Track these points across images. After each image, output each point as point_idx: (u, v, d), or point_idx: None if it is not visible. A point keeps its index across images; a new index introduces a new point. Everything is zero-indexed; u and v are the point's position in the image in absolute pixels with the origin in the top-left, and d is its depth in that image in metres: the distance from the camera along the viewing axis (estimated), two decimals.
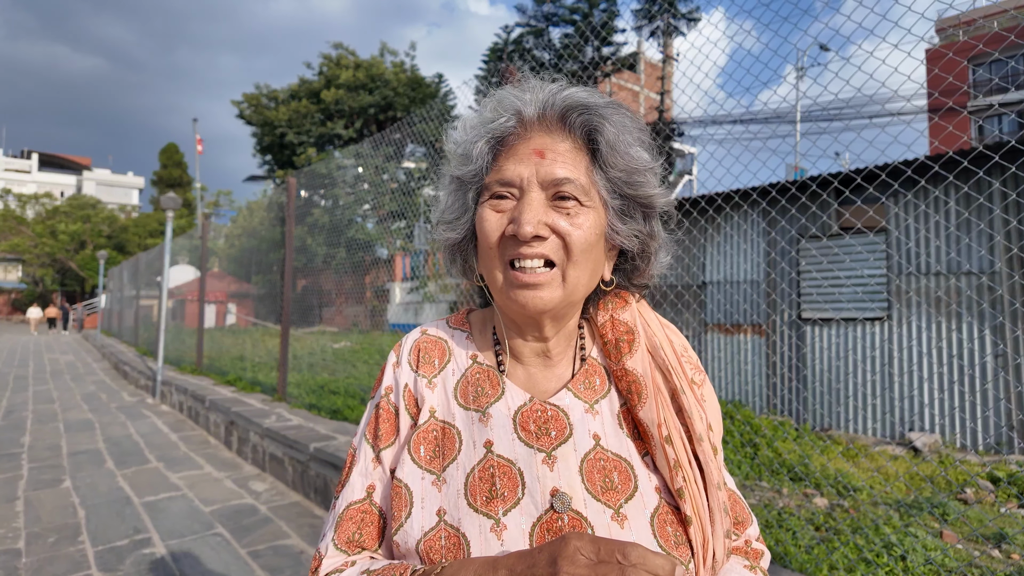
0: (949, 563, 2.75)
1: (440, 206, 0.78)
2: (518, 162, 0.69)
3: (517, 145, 0.70)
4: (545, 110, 0.71)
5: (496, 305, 0.76)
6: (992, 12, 3.28)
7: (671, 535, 0.67)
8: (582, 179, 0.69)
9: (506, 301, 0.70)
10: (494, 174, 0.70)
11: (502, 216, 0.69)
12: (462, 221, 0.75)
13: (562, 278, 0.68)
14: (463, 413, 0.74)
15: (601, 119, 0.70)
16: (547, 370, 0.77)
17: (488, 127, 0.71)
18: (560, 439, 0.71)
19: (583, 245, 0.68)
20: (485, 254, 0.71)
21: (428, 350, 0.80)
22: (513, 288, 0.68)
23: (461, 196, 0.75)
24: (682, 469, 0.69)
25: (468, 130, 0.74)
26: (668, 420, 0.71)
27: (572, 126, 0.70)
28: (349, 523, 0.72)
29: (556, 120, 0.71)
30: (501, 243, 0.69)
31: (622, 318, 0.77)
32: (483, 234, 0.70)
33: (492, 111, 0.72)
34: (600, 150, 0.70)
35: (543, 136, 0.70)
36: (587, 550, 0.52)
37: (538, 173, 0.68)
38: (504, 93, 0.74)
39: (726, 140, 13.24)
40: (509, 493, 0.67)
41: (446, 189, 0.77)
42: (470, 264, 0.78)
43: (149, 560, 3.13)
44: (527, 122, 0.71)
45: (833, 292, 6.36)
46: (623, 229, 0.73)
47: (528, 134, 0.70)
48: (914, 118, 2.83)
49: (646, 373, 0.73)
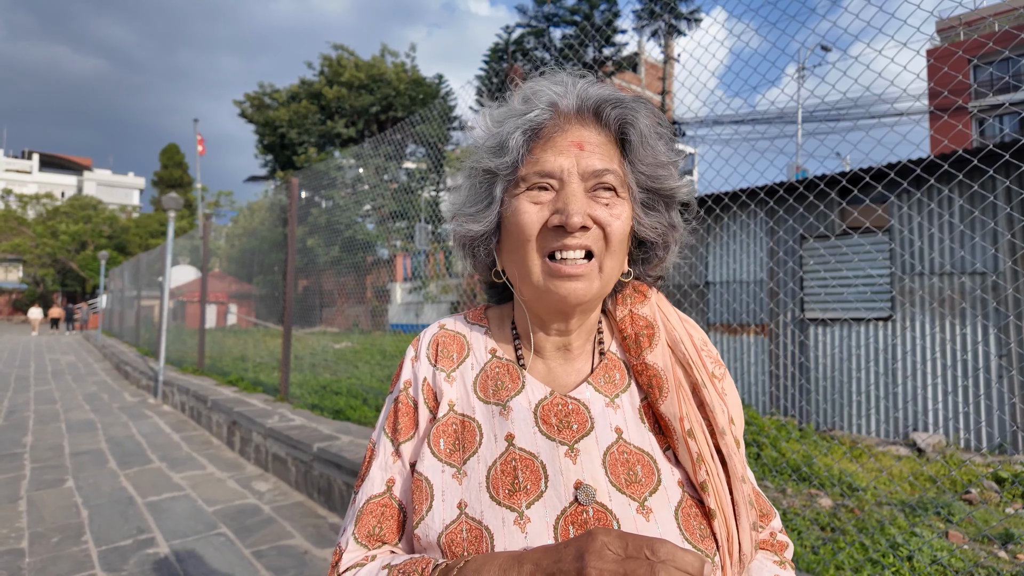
0: (956, 563, 2.74)
1: (460, 198, 0.77)
2: (558, 153, 0.69)
3: (555, 137, 0.70)
4: (582, 103, 0.71)
5: (522, 299, 0.76)
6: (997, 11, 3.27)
7: (696, 528, 0.66)
8: (618, 170, 0.70)
9: (541, 294, 0.70)
10: (531, 166, 0.70)
11: (541, 208, 0.69)
12: (487, 213, 0.74)
13: (599, 269, 0.69)
14: (483, 407, 0.74)
15: (634, 113, 0.71)
16: (567, 364, 0.77)
17: (524, 118, 0.70)
18: (582, 432, 0.71)
19: (621, 236, 0.70)
20: (519, 247, 0.70)
21: (447, 344, 0.80)
22: (553, 279, 0.68)
23: (487, 188, 0.74)
24: (705, 463, 0.68)
25: (498, 121, 0.73)
26: (690, 414, 0.71)
27: (607, 120, 0.71)
28: (369, 517, 0.71)
29: (591, 113, 0.71)
30: (540, 235, 0.68)
31: (641, 312, 0.77)
32: (520, 226, 0.69)
33: (525, 103, 0.72)
34: (631, 143, 0.72)
35: (580, 128, 0.70)
36: (614, 545, 0.51)
37: (579, 164, 0.68)
38: (538, 85, 0.73)
39: (732, 140, 13.24)
40: (532, 486, 0.67)
41: (469, 180, 0.76)
42: (488, 259, 0.77)
43: (153, 560, 3.12)
44: (563, 114, 0.71)
45: (838, 291, 6.35)
46: (647, 221, 0.74)
47: (565, 126, 0.70)
48: (921, 117, 2.82)
49: (667, 367, 0.73)
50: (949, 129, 2.76)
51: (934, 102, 2.76)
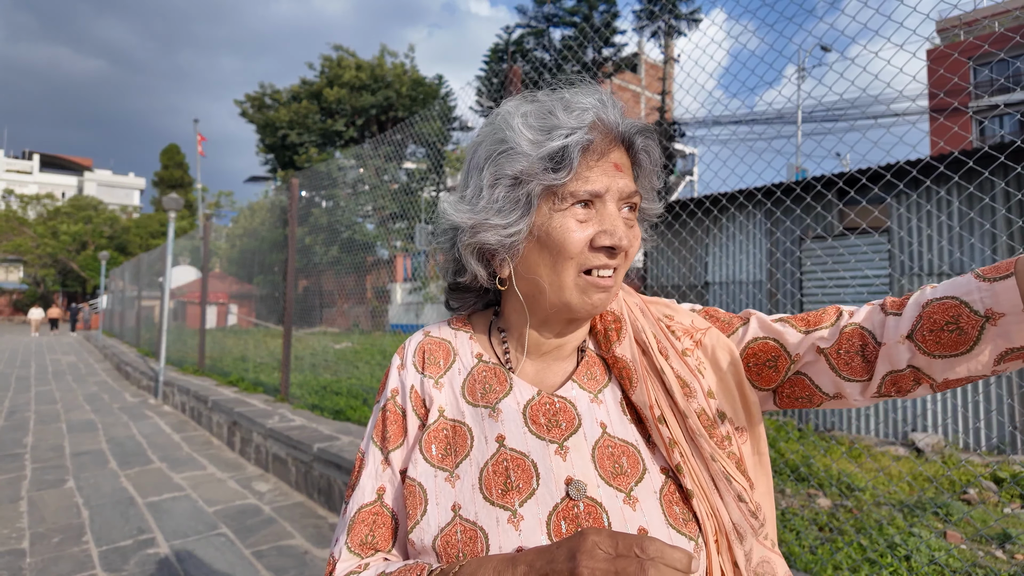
0: (953, 563, 2.75)
1: (482, 203, 0.72)
2: (603, 173, 0.70)
3: (600, 155, 0.71)
4: (619, 126, 0.73)
5: (534, 306, 0.75)
6: (995, 12, 3.28)
7: (679, 514, 0.68)
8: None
9: (571, 305, 0.71)
10: (578, 182, 0.69)
11: (585, 225, 0.69)
12: (519, 223, 0.71)
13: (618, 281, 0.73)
14: (472, 410, 0.75)
15: (651, 144, 0.76)
16: (552, 364, 0.79)
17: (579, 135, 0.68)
18: (570, 430, 0.72)
19: (633, 255, 0.74)
20: (558, 262, 0.69)
21: (432, 351, 0.81)
22: (588, 292, 0.71)
23: (524, 197, 0.70)
24: (678, 445, 0.70)
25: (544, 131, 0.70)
26: (659, 399, 0.72)
27: (636, 148, 0.75)
28: (361, 526, 0.72)
29: (626, 137, 0.74)
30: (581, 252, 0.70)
31: (610, 307, 0.80)
32: (565, 243, 0.68)
33: (575, 117, 0.69)
34: (644, 168, 0.76)
35: (618, 150, 0.73)
36: (605, 544, 0.53)
37: (616, 185, 0.71)
38: (580, 98, 0.72)
39: (730, 140, 13.25)
40: (524, 485, 0.68)
41: (494, 188, 0.71)
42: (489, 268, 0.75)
43: (153, 560, 3.13)
44: (606, 133, 0.71)
45: (837, 292, 6.35)
46: None
47: (605, 146, 0.71)
48: (918, 118, 2.83)
49: (634, 359, 0.75)
50: (948, 130, 2.77)
51: (933, 103, 2.77)
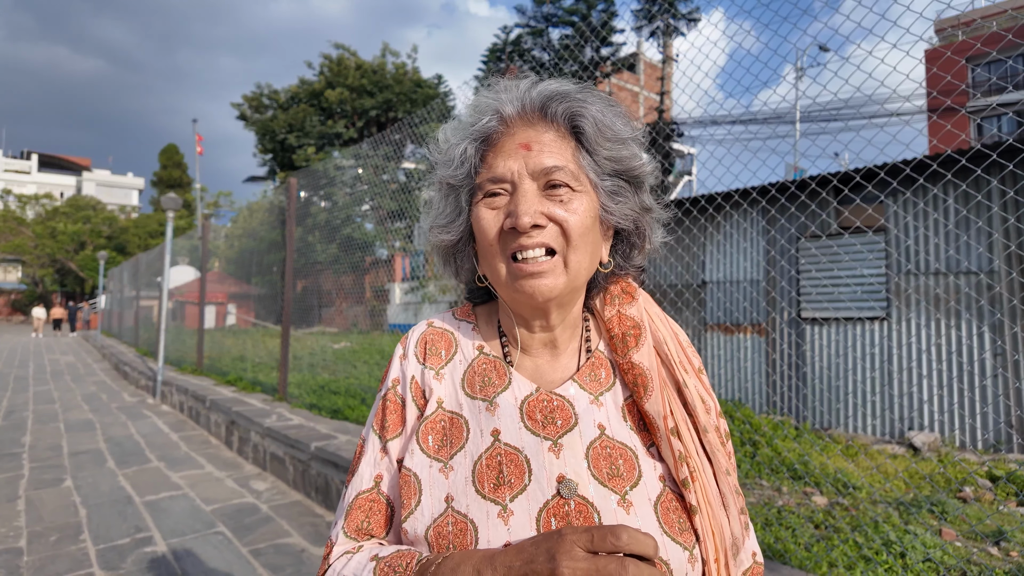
0: (948, 560, 2.76)
1: (433, 211, 0.80)
2: (506, 157, 0.71)
3: (503, 142, 0.72)
4: (524, 104, 0.73)
5: (502, 300, 0.78)
6: (991, 12, 3.29)
7: (675, 521, 0.68)
8: (570, 165, 0.71)
9: (512, 294, 0.72)
10: (484, 173, 0.72)
11: (498, 212, 0.71)
12: (457, 223, 0.77)
13: (564, 264, 0.70)
14: (470, 402, 0.75)
15: (581, 104, 0.72)
16: (554, 361, 0.79)
17: (471, 129, 0.74)
18: (566, 428, 0.72)
19: (580, 229, 0.70)
20: (486, 251, 0.73)
21: (435, 342, 0.81)
22: (518, 279, 0.70)
23: (454, 199, 0.77)
24: (689, 459, 0.70)
25: (452, 136, 0.76)
26: (675, 412, 0.72)
27: (554, 115, 0.72)
28: (358, 512, 0.74)
29: (536, 112, 0.73)
30: (501, 238, 0.71)
31: (629, 313, 0.79)
32: (481, 232, 0.72)
33: (472, 115, 0.75)
34: (585, 133, 0.72)
35: (527, 130, 0.72)
36: (581, 541, 0.53)
37: (527, 165, 0.70)
38: (480, 97, 0.76)
39: (726, 140, 13.26)
40: (516, 480, 0.68)
41: (438, 194, 0.79)
42: (467, 265, 0.80)
43: (151, 559, 3.14)
44: (508, 119, 0.73)
45: (833, 291, 6.37)
46: (615, 208, 0.75)
47: (512, 130, 0.72)
48: (912, 117, 2.84)
49: (652, 367, 0.74)
50: (945, 129, 2.78)
51: (930, 102, 2.78)
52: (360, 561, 0.67)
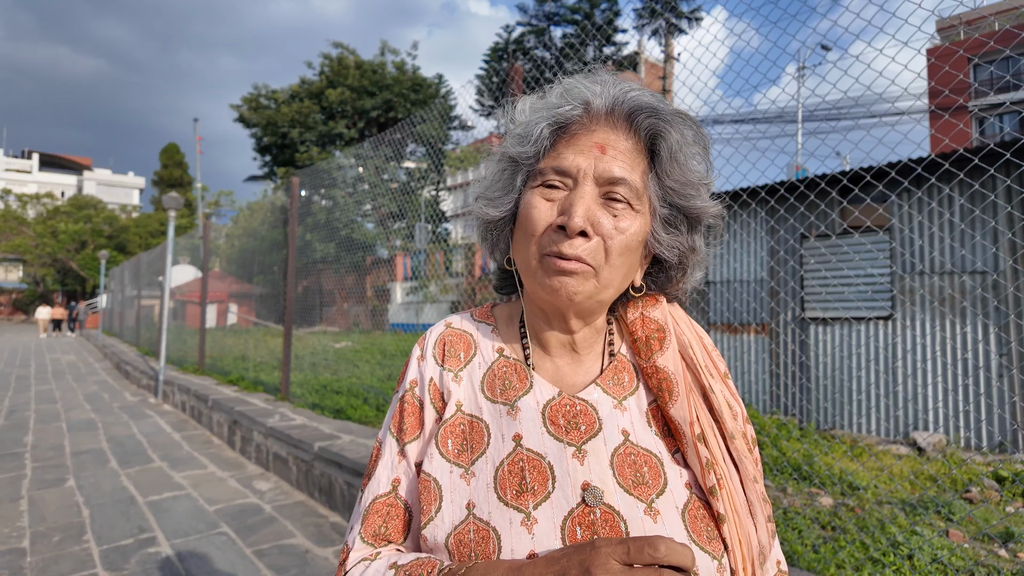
0: (956, 562, 2.74)
1: (485, 182, 0.77)
2: (578, 152, 0.68)
3: (580, 135, 0.69)
4: (615, 105, 0.70)
5: (525, 292, 0.76)
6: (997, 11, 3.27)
7: (703, 530, 0.66)
8: (637, 182, 0.68)
9: (536, 287, 0.69)
10: (550, 160, 0.69)
11: (552, 205, 0.68)
12: (505, 200, 0.74)
13: (595, 273, 0.67)
14: (490, 406, 0.73)
15: (668, 125, 0.69)
16: (575, 364, 0.77)
17: (554, 111, 0.70)
18: (590, 433, 0.70)
19: (622, 249, 0.67)
20: (524, 240, 0.70)
21: (453, 343, 0.79)
22: (549, 273, 0.67)
23: (510, 175, 0.74)
24: (716, 467, 0.68)
25: (531, 111, 0.73)
26: (701, 418, 0.70)
27: (638, 127, 0.69)
28: (375, 516, 0.71)
29: (623, 118, 0.69)
30: (545, 233, 0.68)
31: (652, 316, 0.77)
32: (529, 220, 0.69)
33: (559, 97, 0.71)
34: (660, 156, 0.69)
35: (607, 131, 0.69)
36: (617, 554, 0.51)
37: (596, 167, 0.67)
38: (574, 81, 0.72)
39: (732, 139, 13.22)
40: (539, 487, 0.66)
41: (495, 166, 0.76)
42: (502, 245, 0.77)
43: (154, 559, 3.12)
44: (594, 114, 0.70)
45: (839, 290, 6.35)
46: (665, 239, 0.72)
47: (593, 126, 0.69)
48: (922, 116, 2.82)
49: (677, 371, 0.72)
50: (950, 128, 2.76)
51: (935, 101, 2.76)
52: (378, 569, 0.65)
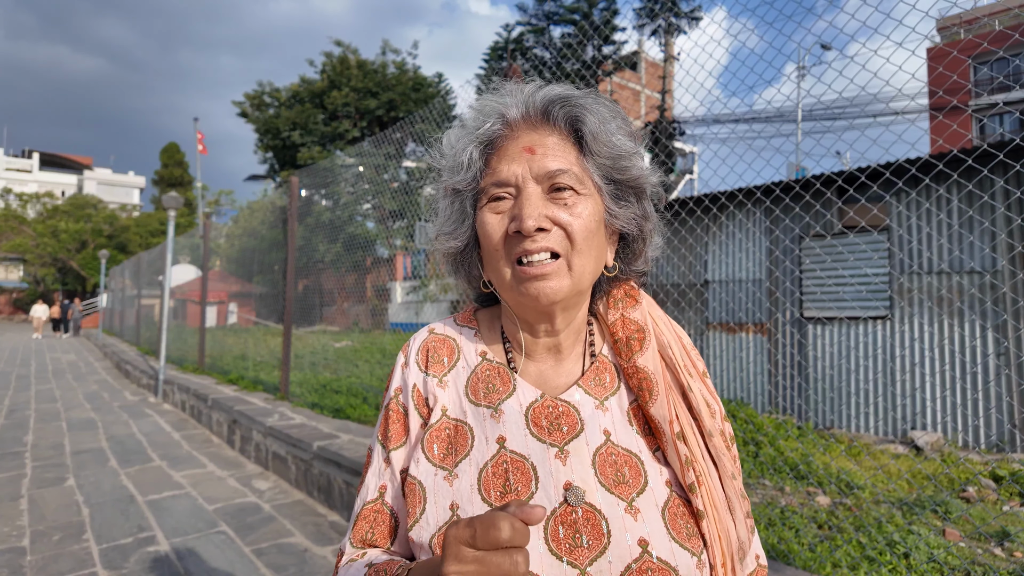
0: (952, 561, 2.75)
1: (439, 219, 0.79)
2: (510, 161, 0.70)
3: (507, 146, 0.72)
4: (527, 108, 0.73)
5: (506, 304, 0.77)
6: (995, 11, 3.28)
7: (683, 527, 0.68)
8: (574, 168, 0.70)
9: (517, 297, 0.71)
10: (489, 177, 0.72)
11: (502, 216, 0.70)
12: (462, 229, 0.76)
13: (568, 267, 0.69)
14: (474, 410, 0.75)
15: (582, 109, 0.72)
16: (558, 366, 0.78)
17: (475, 134, 0.73)
18: (572, 434, 0.72)
19: (584, 233, 0.69)
20: (491, 256, 0.72)
21: (437, 349, 0.81)
22: (523, 283, 0.69)
23: (459, 205, 0.76)
24: (695, 464, 0.70)
25: (456, 141, 0.75)
26: (681, 417, 0.72)
27: (556, 119, 0.72)
28: (363, 522, 0.75)
29: (539, 116, 0.72)
30: (506, 243, 0.70)
31: (633, 316, 0.78)
32: (486, 236, 0.71)
33: (476, 119, 0.74)
34: (585, 138, 0.72)
35: (530, 133, 0.72)
36: (464, 537, 0.48)
37: (531, 168, 0.69)
38: (484, 100, 0.76)
39: (730, 139, 13.22)
40: (523, 488, 0.68)
41: (443, 201, 0.78)
42: (474, 272, 0.79)
43: (153, 558, 3.14)
44: (512, 123, 0.73)
45: (836, 290, 6.36)
46: (620, 213, 0.74)
47: (515, 134, 0.72)
48: (918, 116, 2.83)
49: (657, 371, 0.74)
50: (948, 128, 2.77)
51: (933, 101, 2.77)
52: (358, 568, 0.69)
